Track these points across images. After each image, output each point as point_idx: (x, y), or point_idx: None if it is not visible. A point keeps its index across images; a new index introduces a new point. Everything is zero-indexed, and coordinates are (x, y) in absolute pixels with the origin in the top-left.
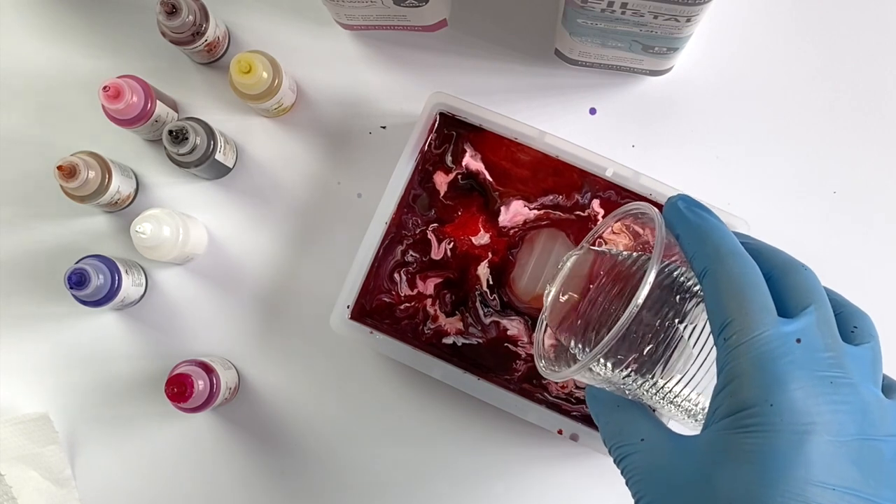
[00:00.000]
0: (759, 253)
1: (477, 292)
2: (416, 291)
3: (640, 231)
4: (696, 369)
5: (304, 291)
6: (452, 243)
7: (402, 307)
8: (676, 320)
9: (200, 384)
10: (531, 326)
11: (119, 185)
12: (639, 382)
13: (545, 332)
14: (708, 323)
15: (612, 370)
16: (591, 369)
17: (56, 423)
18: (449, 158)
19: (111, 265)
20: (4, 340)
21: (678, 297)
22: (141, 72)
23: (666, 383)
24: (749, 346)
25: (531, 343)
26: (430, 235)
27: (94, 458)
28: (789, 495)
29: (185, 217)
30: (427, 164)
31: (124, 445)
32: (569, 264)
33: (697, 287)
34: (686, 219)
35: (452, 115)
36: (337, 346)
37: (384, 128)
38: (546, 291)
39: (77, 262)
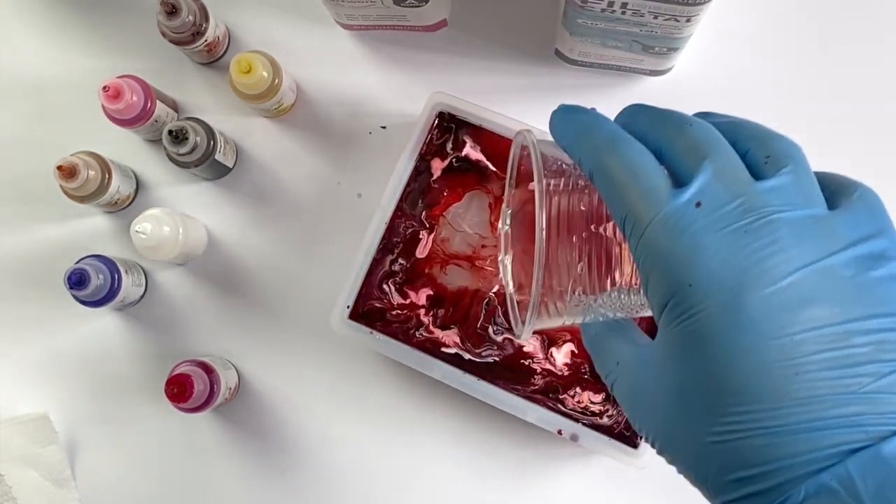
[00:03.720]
0: (649, 127)
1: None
2: (408, 301)
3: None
4: (630, 269)
5: (304, 291)
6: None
7: (393, 312)
8: (593, 226)
9: (200, 384)
10: (545, 344)
11: (119, 185)
12: (596, 301)
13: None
14: None
15: (563, 304)
16: (544, 313)
17: (56, 423)
18: (449, 146)
19: (111, 265)
20: (4, 340)
21: (585, 203)
22: (141, 72)
23: (618, 293)
24: (650, 234)
25: (546, 359)
26: (421, 231)
27: (94, 458)
28: (750, 368)
29: (185, 217)
30: (426, 158)
31: (124, 445)
32: (507, 226)
33: None
34: (563, 125)
35: (452, 114)
36: (337, 346)
37: (384, 128)
38: (500, 258)
39: (77, 262)
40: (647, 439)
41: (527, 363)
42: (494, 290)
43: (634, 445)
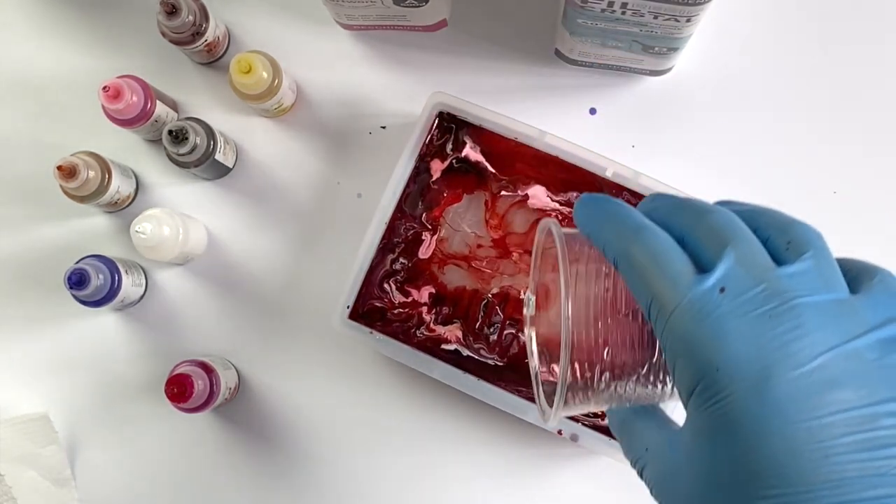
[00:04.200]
0: (671, 214)
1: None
2: (410, 299)
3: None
4: (657, 355)
5: (304, 291)
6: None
7: (395, 311)
8: (620, 313)
9: (200, 384)
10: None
11: (119, 185)
12: (624, 387)
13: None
14: None
15: (591, 391)
16: (571, 400)
17: (56, 423)
18: (449, 147)
19: (111, 265)
20: (4, 340)
21: (612, 289)
22: (141, 72)
23: (645, 378)
24: (675, 320)
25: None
26: (424, 232)
27: (94, 458)
28: (779, 451)
29: (185, 217)
30: (426, 159)
31: (124, 445)
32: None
33: None
34: (586, 213)
35: (452, 114)
36: (337, 346)
37: (384, 128)
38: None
39: (77, 262)
40: None
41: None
42: (492, 291)
43: None
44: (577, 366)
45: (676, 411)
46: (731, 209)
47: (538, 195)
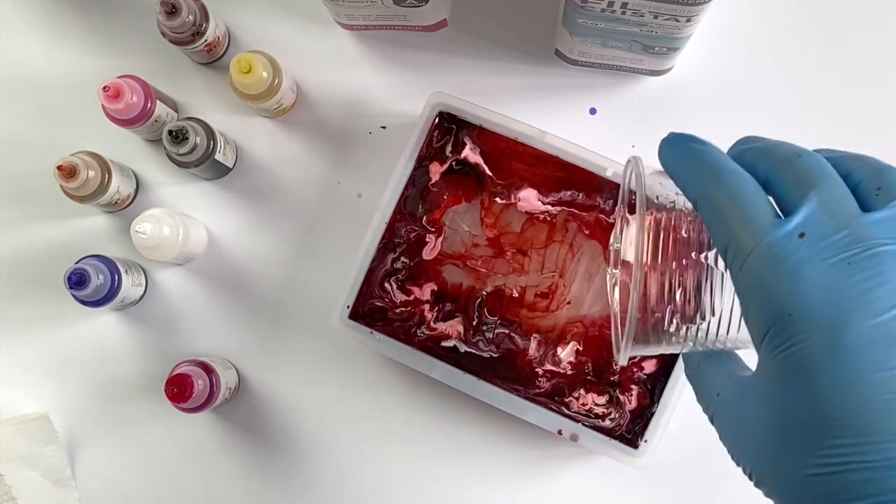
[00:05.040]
0: (759, 158)
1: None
2: (412, 297)
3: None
4: (731, 299)
5: (304, 291)
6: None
7: (397, 310)
8: (694, 254)
9: (200, 384)
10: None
11: (119, 185)
12: (696, 330)
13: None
14: None
15: (662, 332)
16: (642, 339)
17: (56, 423)
18: (448, 149)
19: (111, 265)
20: (4, 340)
21: (685, 230)
22: (141, 72)
23: (718, 323)
24: (751, 263)
25: (550, 362)
26: (427, 235)
27: (94, 458)
28: (850, 401)
29: (185, 217)
30: (425, 161)
31: (124, 445)
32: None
33: None
34: (670, 152)
35: (453, 115)
36: (337, 346)
37: (384, 128)
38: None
39: (77, 262)
40: (745, 471)
41: (528, 364)
42: (486, 290)
43: (635, 446)
44: (646, 304)
45: (753, 357)
46: (824, 155)
47: (529, 198)
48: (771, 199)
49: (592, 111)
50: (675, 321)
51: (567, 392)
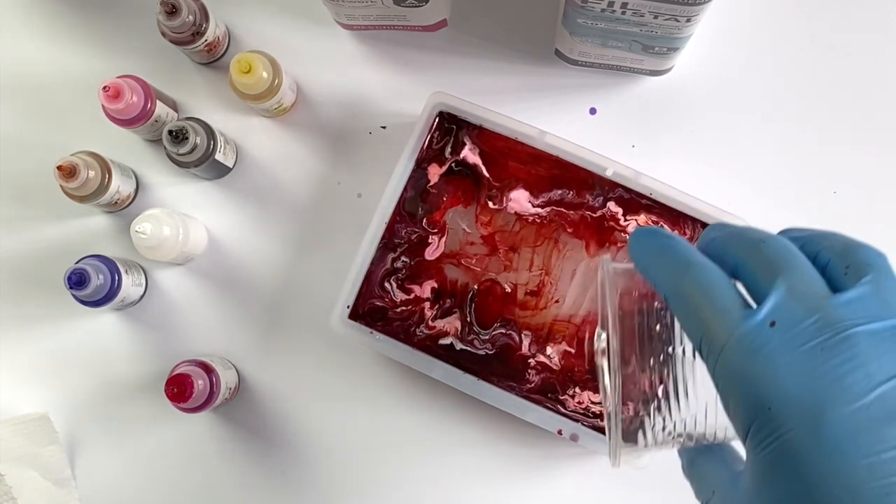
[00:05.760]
0: (726, 247)
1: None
2: (412, 296)
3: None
4: (707, 390)
5: (304, 291)
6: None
7: (397, 310)
8: (671, 349)
9: (200, 384)
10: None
11: (119, 185)
12: (683, 426)
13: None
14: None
15: (647, 432)
16: (632, 443)
17: (56, 423)
18: (448, 150)
19: (111, 265)
20: (4, 340)
21: (660, 326)
22: (141, 72)
23: (704, 417)
24: (726, 356)
25: (542, 355)
26: (430, 236)
27: (94, 458)
28: (839, 492)
29: (185, 217)
30: (424, 163)
31: (124, 445)
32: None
33: None
34: (638, 250)
35: (453, 114)
36: (337, 347)
37: (384, 128)
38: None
39: (77, 262)
40: None
41: (519, 357)
42: (478, 287)
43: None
44: (629, 405)
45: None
46: (790, 236)
47: (520, 199)
48: (742, 289)
49: (592, 111)
50: (659, 419)
51: (559, 389)
